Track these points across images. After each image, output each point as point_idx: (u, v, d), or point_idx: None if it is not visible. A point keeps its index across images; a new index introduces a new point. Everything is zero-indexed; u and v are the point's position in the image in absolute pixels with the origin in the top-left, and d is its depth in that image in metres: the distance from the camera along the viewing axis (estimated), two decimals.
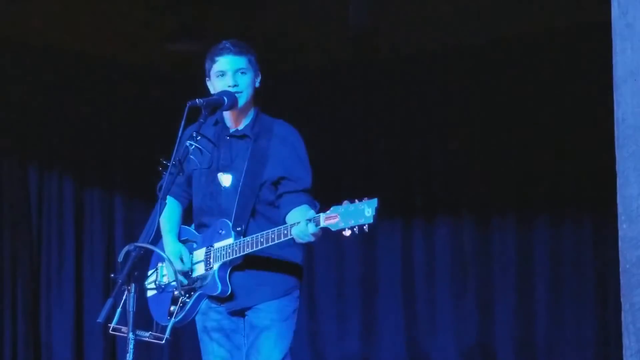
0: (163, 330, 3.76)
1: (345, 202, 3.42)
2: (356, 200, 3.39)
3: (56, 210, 6.94)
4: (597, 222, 6.38)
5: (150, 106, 7.17)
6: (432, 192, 7.00)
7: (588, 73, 6.11)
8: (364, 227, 3.35)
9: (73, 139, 6.98)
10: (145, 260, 3.77)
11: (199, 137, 3.59)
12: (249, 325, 3.87)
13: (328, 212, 3.44)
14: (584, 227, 6.52)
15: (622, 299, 2.69)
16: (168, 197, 4.02)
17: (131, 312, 3.20)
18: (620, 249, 2.71)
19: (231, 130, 3.95)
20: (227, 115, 3.96)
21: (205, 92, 3.91)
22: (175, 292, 3.89)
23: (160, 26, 6.49)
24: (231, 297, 3.84)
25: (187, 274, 3.89)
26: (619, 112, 2.71)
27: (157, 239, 3.38)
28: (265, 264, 3.82)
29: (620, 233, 2.71)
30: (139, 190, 7.03)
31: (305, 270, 4.01)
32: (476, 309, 6.79)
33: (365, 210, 3.34)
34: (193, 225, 4.05)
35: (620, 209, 2.70)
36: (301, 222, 3.52)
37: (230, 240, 3.77)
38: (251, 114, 3.94)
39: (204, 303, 3.91)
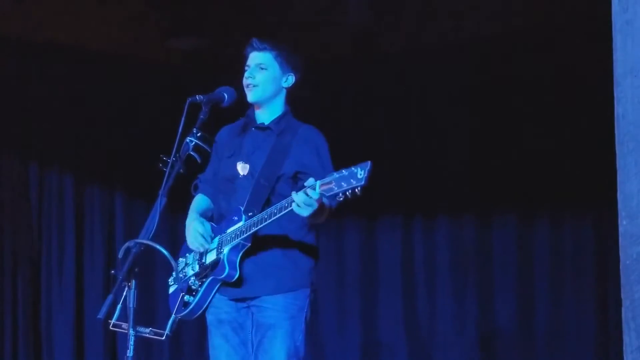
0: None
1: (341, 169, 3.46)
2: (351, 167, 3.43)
3: (56, 208, 6.94)
4: (598, 218, 6.39)
5: (151, 103, 7.16)
6: (433, 189, 7.00)
7: (588, 70, 6.11)
8: (357, 189, 3.37)
9: (73, 136, 6.98)
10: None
11: (199, 134, 3.60)
12: (256, 323, 3.88)
13: (324, 179, 3.47)
14: (584, 224, 6.53)
15: (622, 296, 2.69)
16: (200, 195, 4.09)
17: (131, 309, 3.21)
18: (620, 245, 2.71)
19: (257, 123, 4.02)
20: (256, 110, 4.03)
21: (204, 88, 3.91)
22: (184, 284, 3.93)
23: (161, 23, 6.48)
24: (238, 284, 3.83)
25: (207, 239, 3.90)
26: (619, 109, 2.71)
27: (156, 236, 3.38)
28: (276, 258, 3.83)
29: (620, 229, 2.71)
30: (139, 188, 7.02)
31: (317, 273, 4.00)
32: (476, 306, 6.79)
33: (357, 173, 3.36)
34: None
35: (620, 206, 2.70)
36: (300, 193, 3.53)
37: (240, 224, 3.81)
38: (278, 111, 4.01)
39: (215, 297, 3.92)
